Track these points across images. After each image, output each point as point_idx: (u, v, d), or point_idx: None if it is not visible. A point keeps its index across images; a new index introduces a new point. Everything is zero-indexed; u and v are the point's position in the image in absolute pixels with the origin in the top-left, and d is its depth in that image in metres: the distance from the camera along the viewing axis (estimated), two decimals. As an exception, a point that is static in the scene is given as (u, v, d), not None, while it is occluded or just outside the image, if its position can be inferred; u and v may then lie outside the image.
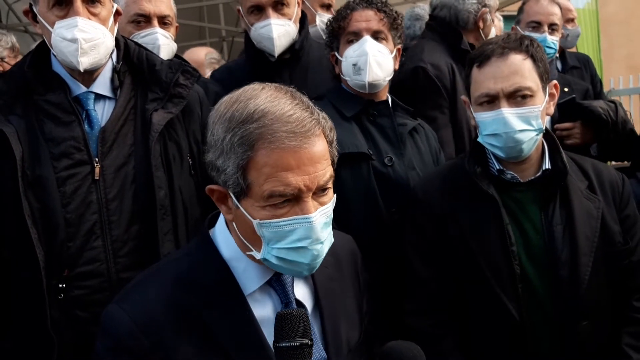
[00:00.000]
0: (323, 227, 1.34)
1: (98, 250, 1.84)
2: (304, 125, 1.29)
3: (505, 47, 1.95)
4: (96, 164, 1.86)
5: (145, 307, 1.35)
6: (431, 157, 2.51)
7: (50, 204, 1.80)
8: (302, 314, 1.28)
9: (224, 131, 1.32)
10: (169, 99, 1.98)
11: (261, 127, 1.28)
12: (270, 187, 1.28)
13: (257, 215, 1.32)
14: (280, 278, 1.45)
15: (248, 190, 1.32)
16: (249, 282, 1.41)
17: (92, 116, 1.91)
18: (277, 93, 1.34)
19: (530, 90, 1.92)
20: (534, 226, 1.98)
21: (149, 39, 2.56)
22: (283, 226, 1.31)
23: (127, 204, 1.88)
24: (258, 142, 1.27)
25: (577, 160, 2.13)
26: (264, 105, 1.30)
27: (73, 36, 1.81)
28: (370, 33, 2.39)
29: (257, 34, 2.63)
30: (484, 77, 1.95)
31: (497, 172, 2.02)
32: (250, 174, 1.30)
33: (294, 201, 1.31)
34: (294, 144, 1.27)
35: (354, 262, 1.66)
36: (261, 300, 1.42)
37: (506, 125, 1.92)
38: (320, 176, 1.31)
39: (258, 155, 1.28)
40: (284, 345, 1.25)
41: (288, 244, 1.32)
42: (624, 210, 2.06)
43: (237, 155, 1.29)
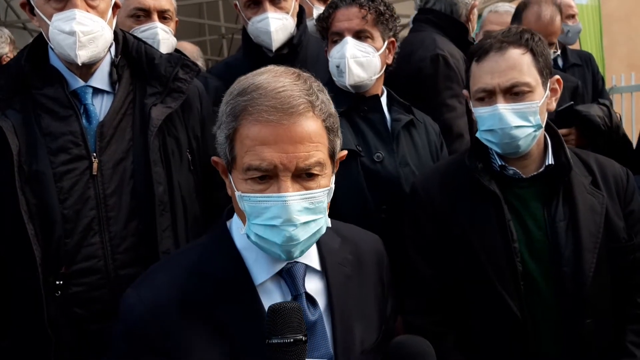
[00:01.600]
0: (302, 211, 1.31)
1: (96, 246, 1.82)
2: (289, 102, 1.29)
3: (504, 42, 1.92)
4: (94, 159, 1.83)
5: (157, 294, 1.36)
6: (429, 152, 2.47)
7: (47, 200, 1.78)
8: (296, 308, 1.25)
9: (224, 103, 1.37)
10: (168, 94, 1.95)
11: (248, 100, 1.30)
12: (248, 160, 1.30)
13: (240, 188, 1.34)
14: (291, 270, 1.43)
15: (233, 162, 1.35)
16: (260, 272, 1.41)
17: (90, 111, 1.88)
18: (284, 72, 1.36)
19: (528, 86, 1.89)
20: (537, 222, 1.95)
21: (149, 33, 2.54)
22: (259, 201, 1.31)
23: (126, 199, 1.86)
24: (242, 114, 1.31)
25: (581, 155, 2.10)
26: (261, 81, 1.32)
27: (71, 29, 1.79)
28: (352, 33, 2.34)
29: (254, 28, 2.61)
30: (482, 71, 1.93)
31: (499, 167, 2.00)
32: (236, 145, 1.33)
33: (274, 179, 1.30)
34: (272, 118, 1.28)
35: (379, 263, 1.62)
36: (271, 291, 1.41)
37: (502, 121, 1.89)
38: (301, 157, 1.29)
39: (241, 127, 1.31)
40: (276, 342, 1.21)
41: (263, 220, 1.31)
42: (629, 205, 2.04)
43: (226, 126, 1.34)
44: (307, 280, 1.45)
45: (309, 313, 1.40)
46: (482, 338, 1.97)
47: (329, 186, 1.38)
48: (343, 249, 1.54)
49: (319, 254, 1.50)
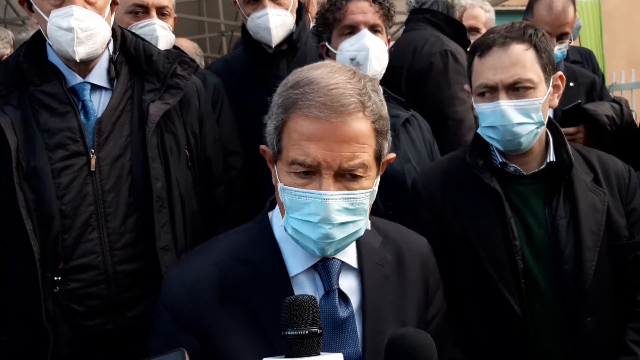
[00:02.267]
0: (341, 210, 1.31)
1: (94, 242, 1.82)
2: (340, 101, 1.28)
3: (507, 37, 1.90)
4: (92, 155, 1.84)
5: (197, 275, 1.40)
6: (425, 148, 2.47)
7: (45, 196, 1.78)
8: (312, 301, 1.24)
9: (277, 94, 1.37)
10: (166, 90, 1.96)
11: (301, 94, 1.30)
12: (293, 153, 1.30)
13: (283, 180, 1.34)
14: (326, 265, 1.42)
15: (279, 153, 1.35)
16: (296, 264, 1.41)
17: (88, 107, 1.88)
18: (340, 69, 1.35)
19: (531, 82, 1.88)
20: (538, 220, 1.94)
21: (147, 29, 2.54)
22: (300, 196, 1.31)
23: (124, 195, 1.86)
24: (292, 107, 1.31)
25: (583, 152, 2.08)
26: (316, 76, 1.31)
27: (69, 25, 1.79)
28: (367, 27, 2.35)
29: (253, 24, 2.60)
30: (484, 67, 1.91)
31: (500, 164, 1.98)
32: (283, 137, 1.33)
33: (317, 175, 1.30)
34: (321, 115, 1.27)
35: (422, 265, 1.58)
36: (304, 284, 1.41)
37: (504, 117, 1.88)
38: (345, 157, 1.28)
39: (290, 120, 1.31)
40: (291, 334, 1.20)
41: (301, 215, 1.32)
42: (630, 203, 2.02)
43: (276, 117, 1.35)
44: (342, 277, 1.44)
45: (340, 310, 1.40)
46: (482, 336, 1.96)
47: (372, 188, 1.37)
48: (383, 248, 1.52)
49: (357, 252, 1.48)
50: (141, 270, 1.86)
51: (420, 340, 1.31)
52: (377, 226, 1.51)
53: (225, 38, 10.00)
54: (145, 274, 1.86)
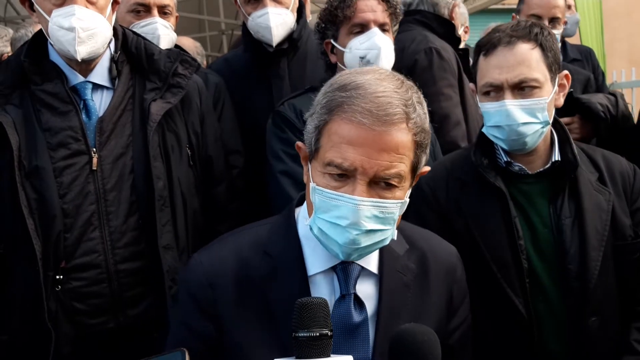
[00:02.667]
0: (371, 218, 1.31)
1: (96, 241, 1.82)
2: (385, 110, 1.28)
3: (513, 36, 1.88)
4: (94, 154, 1.84)
5: (218, 263, 1.42)
6: None
7: (47, 195, 1.78)
8: (323, 303, 1.24)
9: (322, 94, 1.38)
10: (168, 89, 1.96)
11: (346, 98, 1.31)
12: (331, 155, 1.31)
13: (316, 180, 1.35)
14: (347, 268, 1.42)
15: (316, 153, 1.35)
16: (315, 263, 1.42)
17: (90, 106, 1.89)
18: (388, 76, 1.36)
19: (537, 82, 1.86)
20: (542, 219, 1.93)
21: (149, 28, 2.54)
22: (331, 198, 1.31)
23: (125, 194, 1.86)
24: (337, 109, 1.31)
25: (588, 150, 2.07)
26: (364, 82, 1.32)
27: (70, 25, 1.79)
28: (377, 25, 2.34)
29: (254, 23, 2.60)
30: (490, 66, 1.90)
31: (505, 163, 1.97)
32: (323, 137, 1.34)
33: (351, 180, 1.30)
34: (365, 121, 1.27)
35: (448, 275, 1.56)
36: (321, 285, 1.42)
37: (509, 117, 1.86)
38: (382, 166, 1.29)
39: (332, 121, 1.32)
40: (302, 336, 1.21)
41: (330, 217, 1.32)
42: (635, 202, 2.00)
43: (319, 116, 1.35)
44: (360, 282, 1.43)
45: (354, 314, 1.39)
46: (486, 335, 1.93)
47: (404, 199, 1.37)
48: (408, 256, 1.51)
49: (379, 258, 1.47)
50: (143, 269, 1.87)
51: (423, 336, 1.31)
52: (405, 233, 1.51)
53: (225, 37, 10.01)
54: (146, 272, 1.87)
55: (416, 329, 1.36)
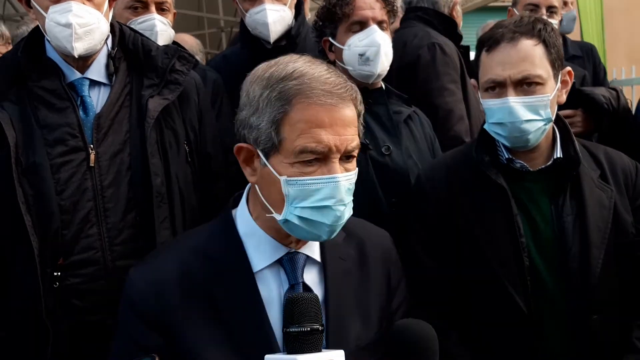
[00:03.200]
0: (347, 191, 1.38)
1: (93, 238, 1.82)
2: (339, 88, 1.35)
3: (516, 32, 1.86)
4: (91, 151, 1.84)
5: (159, 272, 1.43)
6: (427, 144, 2.47)
7: (44, 191, 1.78)
8: (314, 298, 1.29)
9: (262, 88, 1.37)
10: (165, 85, 1.95)
11: (300, 84, 1.34)
12: (302, 142, 1.33)
13: (284, 172, 1.36)
14: (293, 258, 1.45)
15: (279, 146, 1.35)
16: (260, 259, 1.44)
17: (87, 102, 1.88)
18: (313, 60, 1.42)
19: (540, 79, 1.85)
20: (544, 217, 1.92)
21: (147, 25, 2.53)
22: (310, 184, 1.35)
23: (123, 191, 1.86)
24: (296, 97, 1.34)
25: (590, 147, 2.06)
26: (303, 68, 1.37)
27: (67, 21, 1.78)
28: (376, 22, 2.35)
29: (251, 19, 2.60)
30: (492, 62, 1.88)
31: (506, 160, 1.96)
32: (284, 129, 1.35)
33: (322, 161, 1.35)
34: (330, 102, 1.33)
35: (384, 259, 1.62)
36: (269, 279, 1.44)
37: (512, 114, 1.85)
38: (349, 140, 1.36)
39: (294, 110, 1.34)
40: (293, 331, 1.24)
41: (312, 202, 1.35)
42: (637, 199, 2.00)
43: (273, 110, 1.35)
44: (307, 270, 1.47)
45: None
46: (487, 332, 1.94)
47: (356, 169, 1.44)
48: (346, 243, 1.55)
49: (320, 246, 1.51)
50: None
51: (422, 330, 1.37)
52: None
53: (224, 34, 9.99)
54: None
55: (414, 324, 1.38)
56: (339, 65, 2.40)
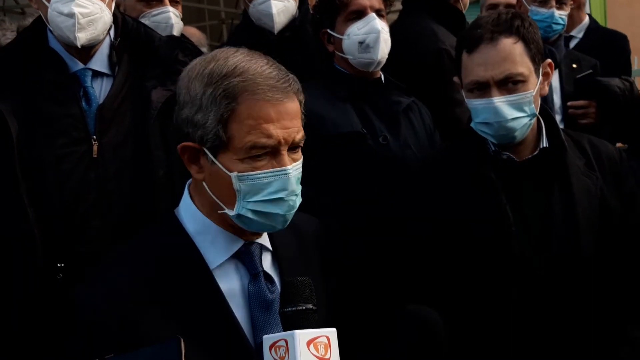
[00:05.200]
0: (297, 181, 1.41)
1: (96, 230, 1.81)
2: (282, 82, 1.37)
3: (494, 32, 1.90)
4: (94, 142, 1.82)
5: (111, 287, 1.38)
6: (425, 135, 2.49)
7: (47, 183, 1.77)
8: (307, 281, 1.35)
9: (204, 86, 1.36)
10: (168, 76, 1.94)
11: (245, 81, 1.34)
12: (252, 138, 1.34)
13: (234, 169, 1.36)
14: (249, 249, 1.46)
15: (228, 143, 1.35)
16: (216, 255, 1.44)
17: (90, 93, 1.86)
18: (251, 54, 1.42)
19: (522, 76, 1.89)
20: (533, 205, 1.96)
21: (161, 17, 2.53)
22: (261, 178, 1.36)
23: (126, 183, 1.85)
24: (242, 94, 1.34)
25: (574, 136, 2.11)
26: (244, 63, 1.37)
27: (70, 11, 1.77)
28: (374, 10, 2.37)
29: (255, 10, 2.60)
30: (474, 63, 1.91)
31: (493, 153, 2.00)
32: (231, 126, 1.35)
33: (271, 155, 1.37)
34: (276, 97, 1.35)
35: (318, 244, 1.66)
36: (228, 274, 1.44)
37: (497, 114, 1.88)
38: (295, 132, 1.39)
39: (241, 107, 1.35)
40: (289, 310, 1.30)
41: (265, 196, 1.37)
42: (623, 185, 2.04)
43: (219, 107, 1.35)
44: (262, 259, 1.49)
45: (268, 292, 1.46)
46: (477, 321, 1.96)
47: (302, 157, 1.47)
48: (288, 231, 1.56)
49: (269, 235, 1.53)
50: None
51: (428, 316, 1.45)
52: None
53: (225, 26, 9.98)
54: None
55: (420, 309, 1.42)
56: (338, 55, 2.41)
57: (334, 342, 1.28)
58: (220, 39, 10.15)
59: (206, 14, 10.29)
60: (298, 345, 1.23)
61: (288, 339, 1.25)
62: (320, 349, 1.25)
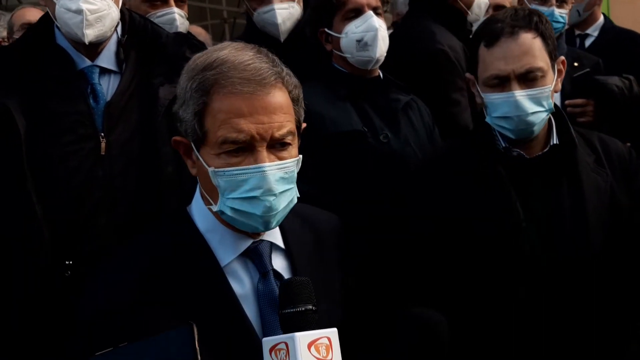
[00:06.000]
0: (279, 180, 1.34)
1: (103, 227, 1.81)
2: (260, 74, 1.32)
3: (515, 26, 1.90)
4: (102, 139, 1.82)
5: (114, 286, 1.37)
6: (425, 132, 2.50)
7: (55, 180, 1.77)
8: (305, 282, 1.33)
9: (186, 80, 1.36)
10: (176, 73, 1.92)
11: (217, 74, 1.32)
12: (223, 133, 1.31)
13: (212, 164, 1.34)
14: (257, 248, 1.45)
15: (204, 138, 1.34)
16: (225, 253, 1.42)
17: (97, 90, 1.87)
18: (243, 47, 1.39)
19: (541, 71, 1.89)
20: (542, 202, 1.95)
21: (166, 19, 2.52)
22: (236, 175, 1.32)
23: (133, 180, 1.85)
24: (213, 88, 1.32)
25: (584, 134, 2.11)
26: (226, 56, 1.35)
27: (78, 7, 1.77)
28: (371, 8, 2.38)
29: (260, 18, 2.62)
30: (494, 57, 1.91)
31: (504, 149, 2.00)
32: (207, 120, 1.34)
33: (249, 151, 1.33)
34: (246, 90, 1.31)
35: (338, 241, 1.64)
36: (238, 272, 1.43)
37: (518, 108, 1.89)
38: (275, 127, 1.33)
39: (213, 101, 1.33)
40: (288, 312, 1.29)
41: (241, 193, 1.33)
42: (633, 183, 2.04)
43: (194, 101, 1.34)
44: (273, 258, 1.47)
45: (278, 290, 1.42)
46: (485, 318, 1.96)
47: (298, 156, 1.42)
48: (303, 229, 1.56)
49: (282, 232, 1.51)
50: None
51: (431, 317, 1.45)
52: (293, 209, 1.51)
53: (227, 25, 9.99)
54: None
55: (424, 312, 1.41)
56: (336, 54, 2.42)
57: (335, 343, 1.26)
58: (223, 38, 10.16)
59: (208, 13, 10.30)
60: (299, 348, 1.21)
61: (288, 341, 1.23)
62: (322, 350, 1.24)
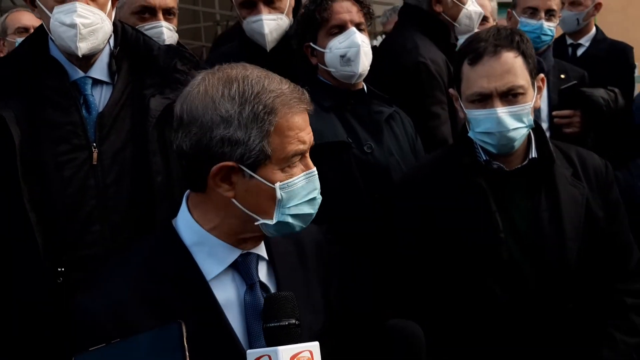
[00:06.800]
0: None
1: (96, 235, 1.85)
2: (302, 93, 1.46)
3: (497, 45, 1.97)
4: (94, 149, 1.86)
5: (112, 294, 1.39)
6: (408, 143, 2.56)
7: (49, 189, 1.81)
8: (289, 296, 1.37)
9: (238, 105, 1.38)
10: (167, 85, 1.97)
11: (279, 96, 1.40)
12: (293, 147, 1.42)
13: (277, 179, 1.41)
14: (245, 260, 1.49)
15: (272, 156, 1.40)
16: (212, 266, 1.46)
17: (90, 101, 1.90)
18: (259, 70, 1.48)
19: (522, 89, 1.97)
20: (521, 213, 2.03)
21: (153, 32, 2.53)
22: (297, 183, 1.43)
23: (125, 189, 1.89)
24: (279, 109, 1.40)
25: (562, 147, 2.18)
26: (265, 79, 1.43)
27: (72, 21, 1.80)
28: (354, 25, 2.44)
29: (249, 27, 2.67)
30: (477, 75, 1.98)
31: (484, 162, 2.06)
32: (274, 139, 1.40)
33: (300, 160, 1.45)
34: (303, 107, 1.44)
35: (318, 252, 1.68)
36: (225, 284, 1.47)
37: (500, 124, 1.96)
38: (311, 136, 1.48)
39: (281, 120, 1.40)
40: (272, 326, 1.33)
41: (301, 198, 1.44)
42: (608, 195, 2.12)
43: (263, 123, 1.39)
44: (259, 269, 1.51)
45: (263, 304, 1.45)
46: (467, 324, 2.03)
47: None
48: (285, 240, 1.60)
49: (266, 244, 1.56)
50: None
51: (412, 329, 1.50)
52: None
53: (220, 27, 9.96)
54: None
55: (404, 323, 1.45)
56: (321, 68, 2.47)
57: (317, 356, 1.30)
58: (215, 40, 10.15)
59: (201, 16, 10.29)
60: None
61: (271, 354, 1.27)
62: None
